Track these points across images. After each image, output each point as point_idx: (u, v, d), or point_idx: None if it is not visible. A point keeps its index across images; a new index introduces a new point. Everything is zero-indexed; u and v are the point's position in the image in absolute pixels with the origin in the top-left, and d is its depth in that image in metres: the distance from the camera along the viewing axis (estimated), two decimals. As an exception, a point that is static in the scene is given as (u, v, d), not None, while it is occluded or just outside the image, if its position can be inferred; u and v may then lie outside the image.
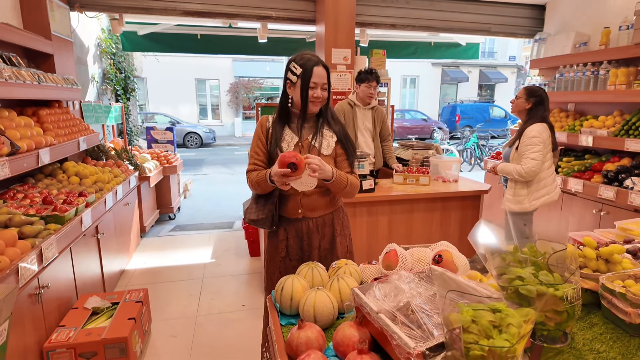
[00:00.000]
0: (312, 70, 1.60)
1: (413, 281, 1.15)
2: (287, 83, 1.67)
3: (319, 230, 1.76)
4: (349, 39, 3.88)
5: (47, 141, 2.62)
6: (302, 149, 1.69)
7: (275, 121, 1.73)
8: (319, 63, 1.62)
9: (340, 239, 1.81)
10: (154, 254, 3.97)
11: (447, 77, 19.81)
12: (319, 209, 1.75)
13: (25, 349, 1.86)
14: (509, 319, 0.73)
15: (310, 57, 1.62)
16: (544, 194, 2.79)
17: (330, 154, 1.71)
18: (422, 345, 0.83)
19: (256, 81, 18.49)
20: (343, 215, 1.85)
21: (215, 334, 2.63)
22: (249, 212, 1.76)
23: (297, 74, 1.61)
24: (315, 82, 1.61)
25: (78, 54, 4.56)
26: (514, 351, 0.69)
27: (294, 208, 1.73)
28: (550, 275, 0.92)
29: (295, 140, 1.70)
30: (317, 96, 1.63)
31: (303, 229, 1.74)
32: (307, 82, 1.60)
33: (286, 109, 1.71)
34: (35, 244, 1.95)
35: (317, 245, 1.76)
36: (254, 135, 1.76)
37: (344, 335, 1.09)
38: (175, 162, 5.16)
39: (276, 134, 1.69)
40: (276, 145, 1.68)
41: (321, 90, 1.63)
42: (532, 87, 2.85)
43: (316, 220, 1.75)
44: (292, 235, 1.75)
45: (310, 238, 1.75)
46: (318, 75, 1.61)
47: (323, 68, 1.63)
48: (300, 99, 1.63)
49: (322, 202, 1.75)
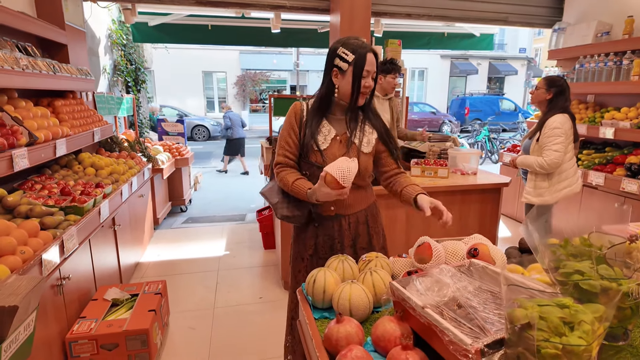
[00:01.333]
0: (366, 57, 1.47)
1: (455, 275, 1.11)
2: (334, 71, 1.52)
3: (351, 228, 1.65)
4: (365, 29, 3.80)
5: (64, 132, 2.60)
6: (340, 144, 1.58)
7: (312, 111, 1.59)
8: (372, 50, 1.49)
9: (376, 237, 1.71)
10: (167, 246, 3.96)
11: (456, 69, 19.58)
12: (353, 206, 1.64)
13: (48, 339, 1.86)
14: (580, 315, 0.69)
15: (362, 43, 1.49)
16: (565, 185, 2.72)
17: (370, 151, 1.61)
18: (480, 342, 0.79)
19: (263, 74, 18.41)
20: (376, 212, 1.75)
21: (234, 326, 2.61)
22: (281, 207, 1.63)
23: (349, 60, 1.47)
24: (368, 71, 1.48)
25: (90, 45, 4.53)
26: (590, 350, 0.65)
27: (327, 205, 1.61)
28: (610, 269, 0.87)
29: (332, 134, 1.58)
30: (369, 85, 1.51)
31: (335, 227, 1.64)
32: (360, 70, 1.47)
33: (328, 100, 1.57)
34: (57, 235, 1.93)
35: (349, 244, 1.65)
36: (286, 123, 1.63)
37: (384, 330, 1.05)
38: (186, 154, 5.14)
39: (312, 126, 1.57)
40: (311, 137, 1.56)
41: (371, 79, 1.52)
42: (553, 77, 2.77)
43: (349, 217, 1.64)
44: (322, 233, 1.65)
45: (342, 236, 1.65)
46: (371, 62, 1.48)
47: (374, 55, 1.50)
48: (351, 89, 1.50)
49: (356, 198, 1.64)
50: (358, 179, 1.58)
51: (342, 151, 1.57)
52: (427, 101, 18.09)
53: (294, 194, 1.57)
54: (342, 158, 1.43)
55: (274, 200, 1.68)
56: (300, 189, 1.53)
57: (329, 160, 1.54)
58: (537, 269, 1.23)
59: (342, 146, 1.57)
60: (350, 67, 1.48)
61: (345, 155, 1.54)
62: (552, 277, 0.90)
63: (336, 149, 1.57)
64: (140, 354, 2.04)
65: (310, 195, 1.50)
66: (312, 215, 1.65)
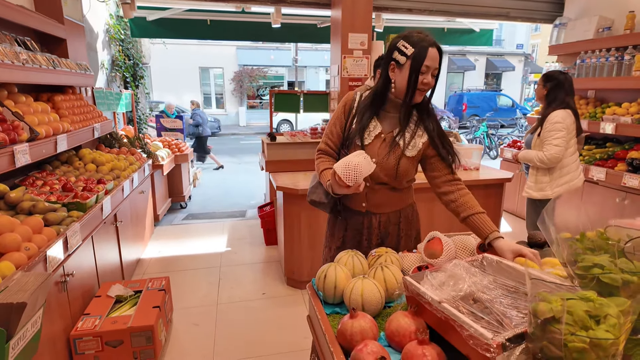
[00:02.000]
0: (427, 51, 1.36)
1: (469, 270, 1.11)
2: (391, 65, 1.44)
3: (380, 227, 1.61)
4: (366, 24, 3.78)
5: (64, 127, 2.57)
6: (383, 143, 1.51)
7: (365, 105, 1.53)
8: (435, 44, 1.38)
9: (405, 239, 1.65)
10: (168, 243, 3.94)
11: (453, 65, 19.56)
12: (385, 206, 1.59)
13: (53, 336, 1.84)
14: (606, 309, 0.68)
15: (426, 37, 1.38)
16: (566, 180, 2.73)
17: (414, 155, 1.50)
18: (501, 336, 0.79)
19: (260, 69, 18.31)
20: (412, 215, 1.68)
21: (238, 322, 2.61)
22: (312, 191, 1.62)
23: (408, 54, 1.38)
24: (428, 66, 1.38)
25: (88, 40, 4.48)
26: (618, 344, 0.64)
27: (359, 201, 1.59)
28: (630, 263, 0.86)
29: (377, 131, 1.51)
30: (427, 82, 1.41)
31: (365, 223, 1.60)
32: (419, 65, 1.37)
33: (382, 95, 1.50)
34: (61, 231, 1.91)
35: (377, 242, 1.62)
36: (335, 112, 1.60)
37: (399, 325, 1.05)
38: (186, 150, 5.11)
39: (362, 121, 1.51)
40: (357, 132, 1.50)
41: (432, 76, 1.42)
42: (549, 72, 2.79)
43: (380, 216, 1.59)
44: (351, 228, 1.63)
45: (370, 234, 1.61)
46: (432, 58, 1.37)
47: (437, 51, 1.39)
48: (407, 85, 1.41)
49: (390, 198, 1.58)
50: (394, 182, 1.53)
51: (384, 150, 1.50)
52: (425, 97, 18.05)
53: (321, 182, 1.56)
54: (356, 152, 1.37)
55: (311, 184, 1.66)
56: (324, 179, 1.52)
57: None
58: (550, 263, 1.22)
59: (385, 145, 1.50)
60: (408, 61, 1.39)
61: (387, 157, 1.49)
62: (570, 270, 0.90)
63: (377, 147, 1.51)
64: (146, 351, 2.03)
65: (329, 187, 1.47)
66: (338, 207, 1.63)
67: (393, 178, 1.52)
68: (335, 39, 3.91)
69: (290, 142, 3.71)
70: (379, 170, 1.50)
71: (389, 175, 1.51)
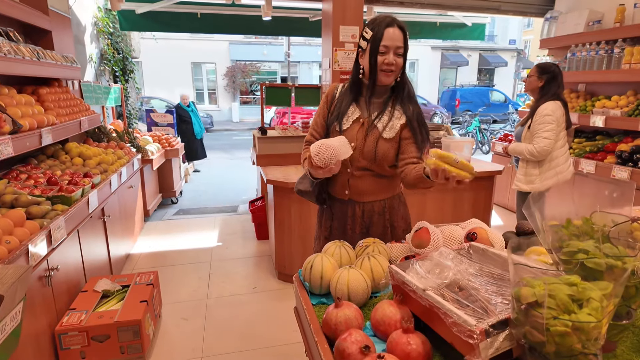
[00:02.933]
0: (384, 31, 1.36)
1: (455, 258, 1.10)
2: (359, 51, 1.48)
3: (364, 216, 1.58)
4: (357, 16, 3.75)
5: (49, 120, 2.52)
6: (361, 127, 1.51)
7: (344, 93, 1.55)
8: (393, 23, 1.37)
9: (391, 230, 1.61)
10: (159, 238, 3.91)
11: (446, 60, 19.60)
12: (369, 194, 1.56)
13: (37, 332, 1.81)
14: (589, 292, 0.68)
15: (385, 18, 1.39)
16: (556, 173, 2.74)
17: (393, 137, 1.49)
18: (485, 323, 0.78)
19: (253, 65, 18.19)
20: (399, 205, 1.64)
21: (228, 316, 2.59)
22: (300, 181, 1.62)
23: (368, 38, 1.40)
24: (387, 46, 1.37)
25: (75, 33, 4.40)
26: (600, 327, 0.63)
27: (341, 188, 1.58)
28: (615, 248, 0.86)
29: (356, 116, 1.51)
30: (389, 62, 1.39)
31: (348, 212, 1.59)
32: (376, 46, 1.38)
33: (358, 82, 1.51)
34: (44, 225, 1.87)
35: (362, 231, 1.60)
36: (320, 103, 1.62)
37: (384, 314, 1.03)
38: (176, 145, 5.06)
39: (341, 107, 1.52)
40: (336, 118, 1.52)
41: (395, 55, 1.39)
42: (544, 64, 2.76)
43: (364, 205, 1.57)
44: (337, 217, 1.62)
45: (354, 223, 1.59)
46: (390, 37, 1.36)
47: (399, 29, 1.38)
48: (369, 68, 1.42)
49: (374, 186, 1.55)
50: (374, 166, 1.52)
51: (362, 134, 1.50)
52: (418, 93, 18.07)
53: (304, 168, 1.56)
54: (336, 138, 1.36)
55: (301, 176, 1.66)
56: (306, 166, 1.52)
57: None
58: (537, 251, 1.22)
59: (363, 129, 1.50)
60: (368, 45, 1.41)
61: (365, 140, 1.49)
62: (555, 256, 0.89)
63: (356, 131, 1.51)
64: (133, 345, 2.01)
65: (308, 172, 1.47)
66: (323, 195, 1.63)
67: (372, 161, 1.51)
68: (327, 32, 3.88)
69: (281, 136, 3.69)
70: (358, 154, 1.51)
71: (368, 158, 1.51)
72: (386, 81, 1.46)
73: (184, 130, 6.36)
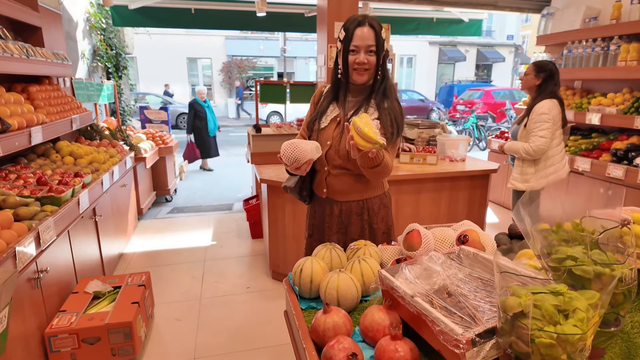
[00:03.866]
0: (355, 31, 1.39)
1: (445, 262, 1.08)
2: (338, 52, 1.51)
3: (342, 216, 1.59)
4: (353, 12, 3.70)
5: (39, 119, 2.48)
6: (338, 125, 1.53)
7: (327, 92, 1.59)
8: (364, 22, 1.39)
9: (370, 231, 1.61)
10: (152, 237, 3.88)
11: (444, 56, 19.54)
12: (346, 193, 1.56)
13: (26, 334, 1.79)
14: (575, 302, 0.66)
15: (356, 18, 1.42)
16: (552, 172, 2.73)
17: None
18: (471, 331, 0.76)
19: (249, 60, 18.06)
20: (379, 207, 1.61)
21: (221, 316, 2.58)
22: (288, 178, 1.66)
23: (341, 39, 1.44)
24: (357, 45, 1.40)
25: (66, 29, 4.34)
26: (585, 339, 0.62)
27: (320, 187, 1.60)
28: (603, 254, 0.85)
29: (334, 115, 1.54)
30: (360, 62, 1.41)
31: (326, 211, 1.60)
32: (347, 46, 1.42)
33: (337, 81, 1.54)
34: (32, 227, 1.85)
35: (338, 231, 1.61)
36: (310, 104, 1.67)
37: (373, 320, 1.02)
38: (170, 142, 5.02)
39: (322, 106, 1.57)
40: (315, 117, 1.56)
41: (365, 54, 1.41)
42: (541, 62, 2.75)
43: (341, 204, 1.58)
44: (318, 215, 1.64)
45: (331, 222, 1.60)
46: (360, 37, 1.39)
47: (370, 28, 1.39)
48: (342, 67, 1.47)
49: (351, 186, 1.55)
50: (349, 164, 1.52)
51: (338, 132, 1.52)
52: (416, 88, 18.05)
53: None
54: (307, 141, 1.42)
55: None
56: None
57: (321, 141, 1.54)
58: (528, 254, 1.20)
59: (339, 127, 1.52)
60: (342, 45, 1.45)
61: (340, 137, 1.51)
62: (544, 263, 0.88)
63: (333, 129, 1.54)
64: (124, 347, 1.99)
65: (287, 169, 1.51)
66: (304, 192, 1.65)
67: (347, 160, 1.51)
68: (322, 28, 3.84)
69: (276, 134, 3.66)
70: (334, 152, 1.53)
71: (342, 157, 1.52)
72: (360, 80, 1.47)
73: (198, 127, 6.12)
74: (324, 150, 1.53)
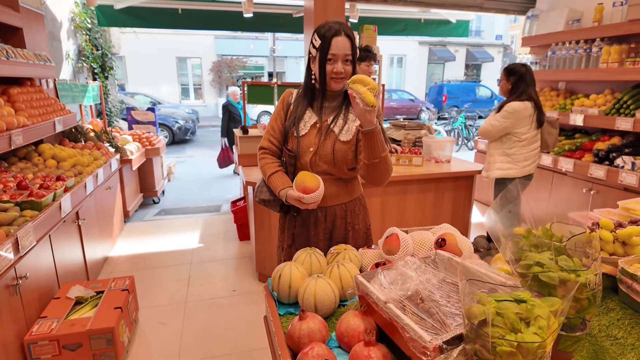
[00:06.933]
0: (331, 41, 1.40)
1: (420, 267, 1.09)
2: (310, 57, 1.51)
3: (327, 220, 1.60)
4: (340, 13, 3.71)
5: (20, 122, 2.45)
6: (320, 132, 1.53)
7: (299, 98, 1.58)
8: (340, 32, 1.40)
9: (353, 233, 1.64)
10: (139, 240, 3.85)
11: (434, 56, 19.65)
12: (331, 198, 1.58)
13: (5, 342, 1.76)
14: (536, 310, 0.67)
15: (332, 26, 1.42)
16: (509, 167, 2.87)
17: (350, 140, 1.52)
18: (439, 339, 0.77)
19: (240, 59, 17.96)
20: (359, 208, 1.66)
21: (206, 320, 2.56)
22: (260, 190, 1.63)
23: (317, 46, 1.43)
24: (334, 54, 1.41)
25: (50, 29, 4.28)
26: (544, 346, 0.63)
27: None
28: (570, 260, 0.86)
29: (313, 121, 1.54)
30: (338, 71, 1.43)
31: (311, 218, 1.60)
32: (324, 56, 1.42)
33: (311, 87, 1.54)
34: (11, 232, 1.82)
35: (325, 237, 1.61)
36: (275, 109, 1.64)
37: (348, 326, 1.03)
38: (157, 143, 4.97)
39: (297, 112, 1.55)
40: (293, 123, 1.54)
41: (343, 64, 1.43)
42: (511, 66, 2.86)
43: (326, 210, 1.59)
44: (299, 224, 1.62)
45: (317, 228, 1.60)
46: (337, 46, 1.40)
47: (346, 37, 1.41)
48: (319, 76, 1.47)
49: (335, 190, 1.58)
50: (334, 169, 1.55)
51: (318, 139, 1.52)
52: (406, 88, 18.13)
53: (269, 183, 1.58)
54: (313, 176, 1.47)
55: (258, 184, 1.68)
56: (275, 186, 1.55)
57: (303, 147, 1.53)
58: (501, 259, 1.22)
59: (320, 133, 1.52)
60: (318, 53, 1.44)
61: (323, 144, 1.52)
62: (513, 269, 0.89)
63: (314, 136, 1.53)
64: (106, 353, 1.97)
65: (282, 196, 1.52)
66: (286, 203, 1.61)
67: (332, 165, 1.53)
68: (308, 29, 3.84)
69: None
70: (318, 158, 1.53)
71: (327, 162, 1.53)
72: (337, 87, 1.50)
73: (232, 130, 5.55)
74: (308, 157, 1.54)
